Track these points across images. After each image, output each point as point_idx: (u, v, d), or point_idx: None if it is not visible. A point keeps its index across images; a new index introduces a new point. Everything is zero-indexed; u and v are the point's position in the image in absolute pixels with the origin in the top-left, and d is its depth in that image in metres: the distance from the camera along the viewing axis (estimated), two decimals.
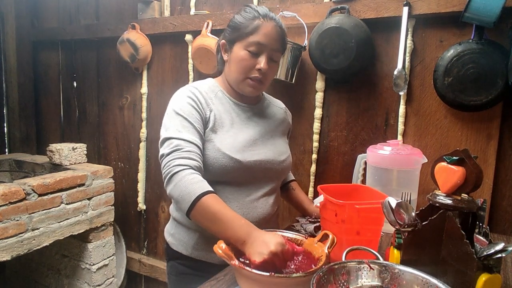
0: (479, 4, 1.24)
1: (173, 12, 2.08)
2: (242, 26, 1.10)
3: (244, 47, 1.09)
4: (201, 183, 0.98)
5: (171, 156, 1.02)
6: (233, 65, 1.12)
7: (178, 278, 1.19)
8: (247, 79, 1.12)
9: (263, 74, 1.11)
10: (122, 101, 2.33)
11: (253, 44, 1.08)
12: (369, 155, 1.41)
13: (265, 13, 1.11)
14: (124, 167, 2.38)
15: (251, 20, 1.09)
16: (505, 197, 1.41)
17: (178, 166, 1.00)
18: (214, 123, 1.11)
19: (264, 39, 1.09)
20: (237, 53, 1.10)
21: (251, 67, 1.10)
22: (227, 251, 0.84)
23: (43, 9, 2.60)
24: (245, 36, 1.09)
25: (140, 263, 2.32)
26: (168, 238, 1.22)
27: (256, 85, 1.12)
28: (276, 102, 1.35)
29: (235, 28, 1.12)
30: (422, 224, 0.81)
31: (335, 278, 0.74)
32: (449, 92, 1.37)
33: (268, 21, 1.10)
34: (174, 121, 1.07)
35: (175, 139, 1.04)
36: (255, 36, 1.08)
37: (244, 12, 1.12)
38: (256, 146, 1.15)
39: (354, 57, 1.48)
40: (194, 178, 0.99)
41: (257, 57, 1.10)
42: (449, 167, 0.82)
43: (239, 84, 1.13)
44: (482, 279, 0.73)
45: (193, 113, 1.08)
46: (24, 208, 1.62)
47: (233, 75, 1.13)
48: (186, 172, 0.99)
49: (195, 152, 1.03)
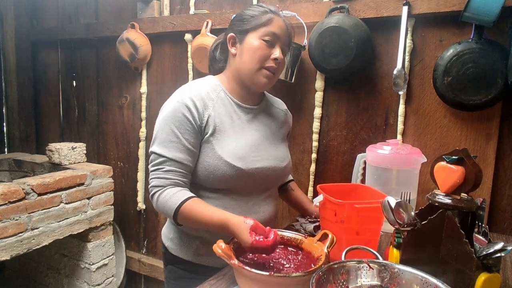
0: (478, 3, 1.24)
1: (173, 11, 2.08)
2: (254, 17, 1.09)
3: (259, 36, 1.07)
4: (173, 198, 1.02)
5: (152, 175, 1.07)
6: (246, 55, 1.08)
7: (178, 283, 1.17)
8: (263, 69, 1.09)
9: (278, 64, 1.10)
10: (122, 100, 2.33)
11: (268, 34, 1.07)
12: (368, 154, 1.41)
13: (275, 9, 1.12)
14: (123, 166, 2.38)
15: (263, 13, 1.09)
16: (505, 196, 1.42)
17: (155, 187, 1.05)
18: (215, 128, 1.07)
19: (278, 31, 1.08)
20: (252, 42, 1.08)
21: (267, 56, 1.08)
22: (226, 251, 0.84)
23: (43, 8, 2.60)
24: (259, 26, 1.08)
25: (139, 263, 2.33)
26: (166, 242, 1.19)
27: (271, 75, 1.10)
28: (277, 103, 1.31)
29: (246, 20, 1.10)
30: (422, 224, 0.81)
31: (335, 277, 0.74)
32: (449, 91, 1.37)
33: (279, 16, 1.11)
34: (162, 134, 1.05)
35: (158, 156, 1.05)
36: (270, 27, 1.07)
37: (254, 7, 1.12)
38: (258, 152, 1.12)
39: (354, 56, 1.48)
40: (167, 194, 1.03)
41: (272, 47, 1.08)
42: (448, 166, 0.82)
43: (254, 75, 1.09)
44: (482, 278, 0.73)
45: (186, 127, 1.04)
46: (23, 208, 1.62)
47: (248, 65, 1.08)
48: (160, 192, 1.04)
49: (176, 170, 1.04)
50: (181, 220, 1.03)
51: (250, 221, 0.90)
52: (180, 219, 1.03)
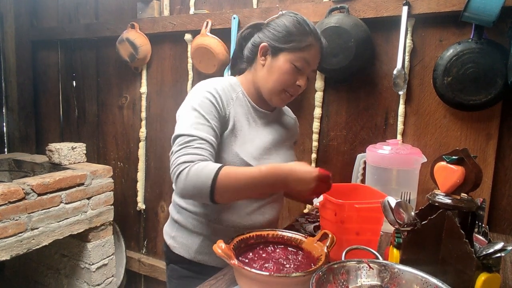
0: (478, 3, 1.23)
1: (173, 11, 2.08)
2: (295, 38, 1.05)
3: (291, 60, 1.06)
4: (209, 166, 0.93)
5: (178, 153, 0.97)
6: (273, 74, 1.08)
7: (180, 282, 1.17)
8: (285, 93, 1.10)
9: (299, 90, 1.11)
10: (122, 100, 2.33)
11: (301, 60, 1.06)
12: (368, 154, 1.41)
13: (317, 33, 1.09)
14: (123, 166, 2.38)
15: (304, 36, 1.06)
16: (504, 196, 1.42)
17: (183, 164, 0.94)
18: (233, 125, 1.07)
19: (312, 59, 1.08)
20: (283, 64, 1.06)
21: (293, 82, 1.08)
22: (226, 251, 0.83)
23: (42, 8, 2.60)
24: (296, 50, 1.06)
25: (139, 263, 2.32)
26: (168, 241, 1.18)
27: (288, 99, 1.12)
28: (288, 111, 1.33)
29: (286, 37, 1.06)
30: (422, 224, 0.81)
31: (335, 277, 0.74)
32: (449, 91, 1.37)
33: (319, 43, 1.09)
34: (189, 117, 1.01)
35: (187, 136, 0.98)
36: (306, 53, 1.06)
37: (297, 23, 1.07)
38: (271, 154, 1.13)
39: (354, 56, 1.48)
40: (199, 166, 0.93)
41: (299, 74, 1.08)
42: (448, 166, 0.82)
43: (273, 94, 1.10)
44: (481, 278, 0.73)
45: (212, 110, 1.02)
46: (23, 208, 1.62)
47: (271, 85, 1.09)
48: (190, 166, 0.94)
49: (206, 148, 0.98)
50: (220, 186, 0.92)
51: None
52: (220, 185, 0.92)
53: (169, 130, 2.13)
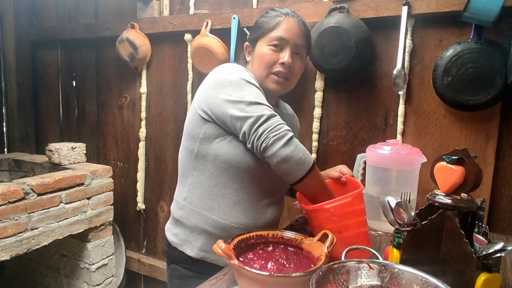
0: (478, 3, 1.24)
1: (172, 11, 2.08)
2: (264, 24, 1.10)
3: (266, 43, 1.09)
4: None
5: (277, 119, 0.97)
6: (256, 62, 1.12)
7: (181, 282, 1.17)
8: (271, 75, 1.10)
9: (287, 69, 1.10)
10: (122, 100, 2.33)
11: (275, 38, 1.08)
12: (368, 154, 1.41)
13: (287, 11, 1.11)
14: (123, 166, 2.38)
15: (273, 18, 1.09)
16: (504, 196, 1.42)
17: (290, 132, 0.98)
18: None
19: (286, 33, 1.08)
20: (260, 50, 1.10)
21: (274, 61, 1.09)
22: (226, 251, 0.83)
23: (42, 8, 2.59)
24: (267, 32, 1.09)
25: (139, 263, 2.32)
26: (171, 238, 1.17)
27: (281, 80, 1.11)
28: (288, 109, 1.35)
29: (257, 28, 1.12)
30: (422, 224, 0.81)
31: (335, 277, 0.74)
32: (448, 91, 1.37)
33: (290, 18, 1.10)
34: (250, 88, 1.01)
35: (265, 106, 0.98)
36: (277, 31, 1.08)
37: (267, 13, 1.13)
38: None
39: (354, 56, 1.48)
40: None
41: (280, 52, 1.09)
42: (448, 166, 0.82)
43: (263, 81, 1.12)
44: (481, 278, 0.73)
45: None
46: (23, 208, 1.62)
47: (257, 73, 1.11)
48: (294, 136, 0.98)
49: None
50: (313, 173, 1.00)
51: None
52: (314, 172, 1.00)
53: (169, 130, 2.14)
